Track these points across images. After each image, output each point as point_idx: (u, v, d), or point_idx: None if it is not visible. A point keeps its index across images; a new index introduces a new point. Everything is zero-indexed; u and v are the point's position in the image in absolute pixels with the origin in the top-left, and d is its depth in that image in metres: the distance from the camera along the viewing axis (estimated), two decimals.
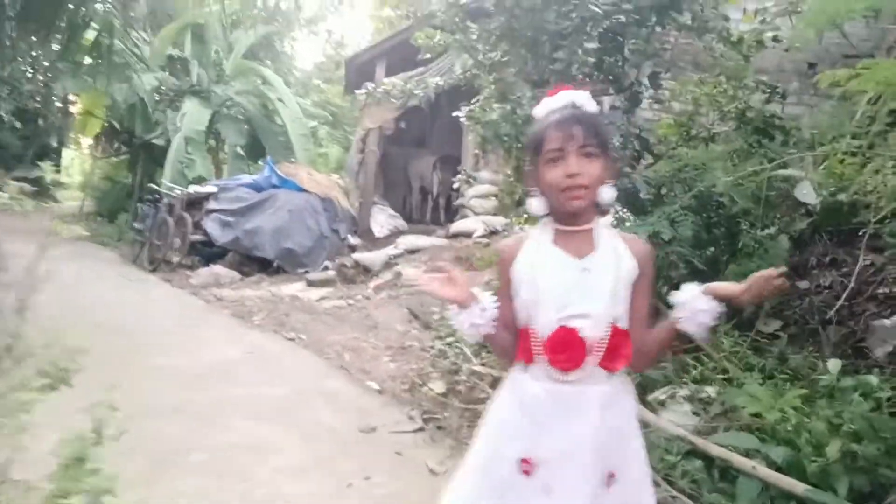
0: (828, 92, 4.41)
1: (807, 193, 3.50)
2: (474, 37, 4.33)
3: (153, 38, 13.35)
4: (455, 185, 10.82)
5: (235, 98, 13.98)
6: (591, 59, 4.06)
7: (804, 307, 3.88)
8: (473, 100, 4.84)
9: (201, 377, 4.11)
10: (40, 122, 20.58)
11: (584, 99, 1.47)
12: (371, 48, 9.33)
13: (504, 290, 1.50)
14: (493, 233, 8.13)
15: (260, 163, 14.86)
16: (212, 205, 9.57)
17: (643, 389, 3.37)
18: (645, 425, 2.73)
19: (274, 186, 9.57)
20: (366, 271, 7.90)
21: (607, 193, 1.44)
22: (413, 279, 2.03)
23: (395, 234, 10.03)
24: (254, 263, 9.10)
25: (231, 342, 5.05)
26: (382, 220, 9.94)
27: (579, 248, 1.44)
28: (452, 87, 9.66)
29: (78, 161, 29.52)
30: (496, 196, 9.31)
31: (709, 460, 2.72)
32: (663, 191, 4.01)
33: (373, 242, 9.66)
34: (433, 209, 10.86)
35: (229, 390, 3.90)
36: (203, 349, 4.75)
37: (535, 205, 1.49)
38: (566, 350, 1.40)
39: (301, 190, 9.56)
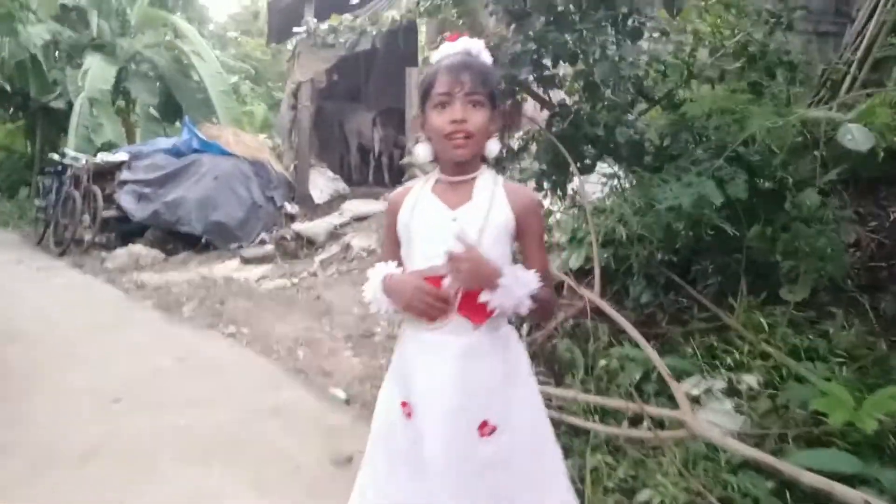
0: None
1: (855, 139, 2.90)
2: None
3: None
4: (400, 143, 10.01)
5: (144, 52, 12.52)
6: None
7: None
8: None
9: (121, 400, 3.26)
10: None
11: (479, 47, 1.46)
12: None
13: (389, 239, 1.52)
14: None
15: (177, 125, 13.52)
16: (125, 175, 8.42)
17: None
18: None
19: (195, 151, 8.46)
20: (309, 244, 7.05)
21: (494, 145, 1.44)
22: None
23: (336, 199, 9.14)
24: (178, 240, 8.08)
25: (157, 346, 4.18)
26: (322, 183, 9.01)
27: (456, 198, 1.43)
28: (388, 33, 8.74)
29: None
30: None
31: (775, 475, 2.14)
32: (665, 142, 3.35)
33: (313, 210, 8.75)
34: (375, 169, 9.99)
35: (158, 418, 3.08)
36: (123, 359, 3.88)
37: (422, 151, 1.48)
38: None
39: (227, 154, 8.50)
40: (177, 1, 14.66)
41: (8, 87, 12.88)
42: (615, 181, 3.96)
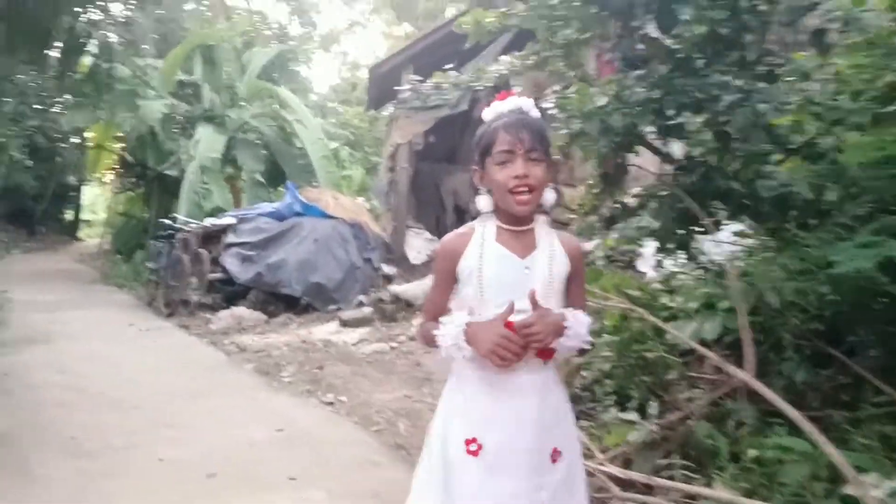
0: None
1: None
2: (553, 1, 3.31)
3: (161, 62, 12.59)
4: None
5: (251, 122, 13.15)
6: (704, 29, 3.09)
7: None
8: (554, 89, 3.82)
9: (216, 476, 3.09)
10: (57, 159, 20.06)
11: (529, 105, 1.56)
12: (396, 54, 8.40)
13: (444, 283, 1.59)
14: None
15: (281, 189, 14.01)
16: (230, 238, 8.65)
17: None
18: None
19: (297, 214, 8.62)
20: (407, 306, 6.88)
21: (549, 196, 1.54)
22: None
23: (432, 260, 9.00)
24: (279, 301, 8.14)
25: (255, 414, 4.04)
26: (418, 244, 8.93)
27: (522, 247, 1.52)
28: (485, 91, 8.70)
29: (102, 198, 29.18)
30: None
31: None
32: (827, 196, 2.92)
33: (409, 271, 8.65)
34: None
35: (253, 497, 2.88)
36: (220, 428, 3.75)
37: (483, 202, 1.57)
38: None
39: (327, 216, 8.60)
40: (282, 74, 15.42)
41: (130, 158, 13.87)
42: (749, 240, 3.56)
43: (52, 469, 3.10)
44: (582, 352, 1.62)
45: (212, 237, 8.91)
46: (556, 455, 1.52)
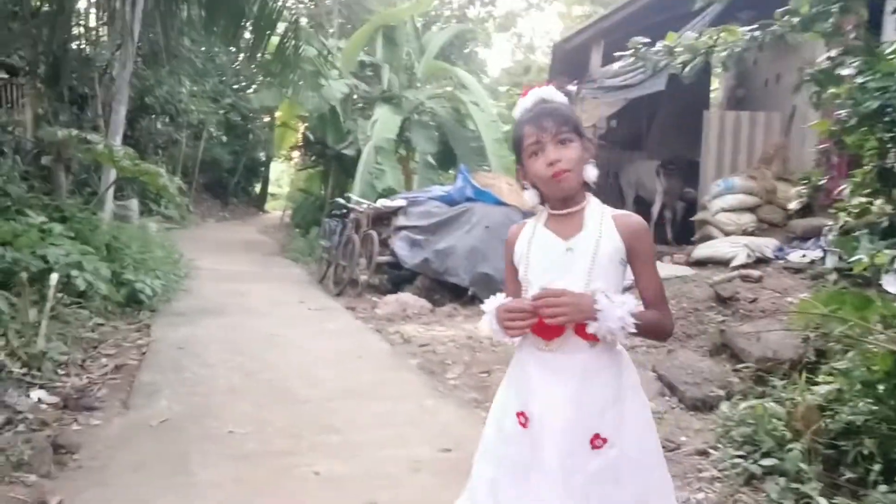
0: None
1: None
2: None
3: (344, 42, 12.79)
4: (687, 196, 8.79)
5: (427, 103, 13.00)
6: None
7: None
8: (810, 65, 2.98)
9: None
10: (249, 136, 21.56)
11: (551, 92, 1.59)
12: (585, 28, 7.65)
13: (509, 272, 1.66)
14: (759, 261, 6.01)
15: (451, 172, 13.79)
16: (400, 221, 8.46)
17: None
18: None
19: (469, 199, 8.21)
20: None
21: (591, 171, 1.56)
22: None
23: None
24: (445, 290, 7.81)
25: (421, 427, 3.62)
26: None
27: (568, 230, 1.55)
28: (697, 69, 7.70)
29: (286, 173, 31.24)
30: (753, 210, 7.14)
31: None
32: None
33: None
34: (657, 224, 8.87)
35: None
36: (383, 441, 3.36)
37: (529, 197, 1.63)
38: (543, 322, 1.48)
39: (500, 203, 8.11)
40: (459, 54, 15.15)
41: (311, 137, 14.34)
42: None
43: (213, 472, 2.87)
44: (659, 336, 1.69)
45: (382, 218, 8.79)
46: (597, 441, 1.50)
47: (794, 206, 7.01)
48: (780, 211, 7.05)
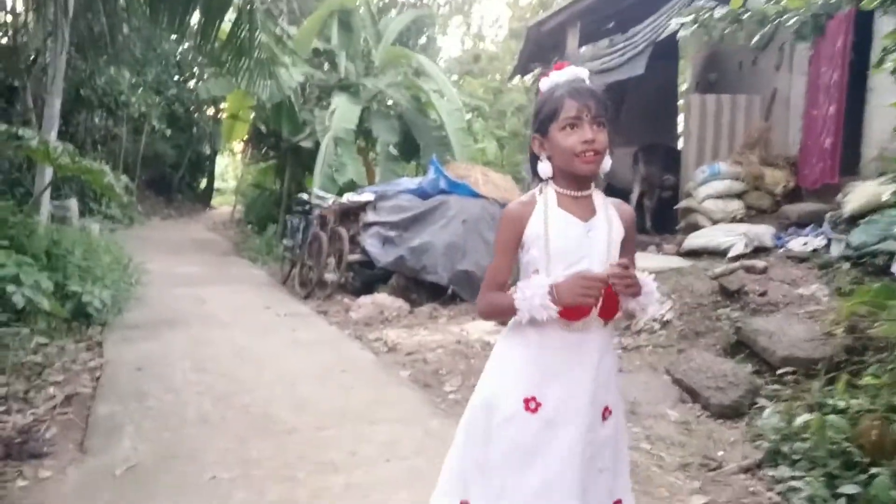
0: None
1: None
2: None
3: (296, 29, 12.10)
4: (667, 183, 8.53)
5: (386, 91, 12.44)
6: None
7: None
8: None
9: None
10: (194, 129, 20.52)
11: (586, 74, 1.62)
12: (561, 10, 7.26)
13: (510, 251, 1.63)
14: (758, 250, 5.74)
15: (413, 163, 13.29)
16: (370, 216, 7.94)
17: None
18: None
19: (442, 192, 7.74)
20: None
21: (607, 162, 1.59)
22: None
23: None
24: (422, 289, 7.35)
25: (433, 457, 3.14)
26: None
27: (583, 211, 1.59)
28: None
29: (231, 167, 30.05)
30: (740, 196, 6.90)
31: None
32: None
33: None
34: (635, 213, 8.60)
35: None
36: (391, 478, 2.89)
37: (544, 168, 1.62)
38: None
39: (475, 195, 7.68)
40: (416, 42, 14.62)
41: (263, 129, 13.60)
42: None
43: None
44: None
45: (349, 214, 8.26)
46: (606, 413, 1.61)
47: (780, 190, 6.82)
48: (767, 197, 6.84)
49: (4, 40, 11.05)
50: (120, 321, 5.76)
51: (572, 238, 1.56)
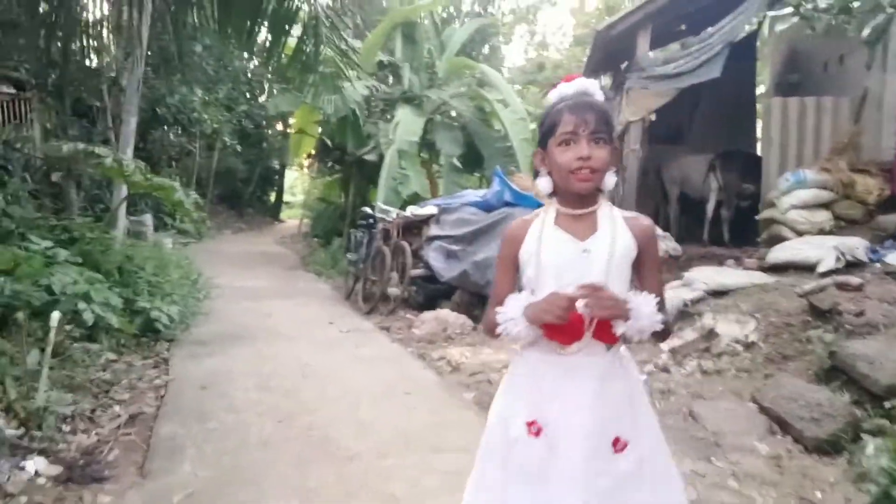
0: None
1: None
2: None
3: (360, 43, 12.18)
4: (745, 193, 8.08)
5: (450, 102, 12.37)
6: None
7: None
8: None
9: None
10: (264, 145, 21.06)
11: (595, 87, 1.55)
12: (631, 13, 6.97)
13: (508, 269, 1.62)
14: (850, 264, 5.30)
15: (476, 175, 13.15)
16: (433, 230, 7.83)
17: None
18: None
19: (507, 204, 7.54)
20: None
21: (610, 179, 1.53)
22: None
23: (664, 262, 7.51)
24: (485, 304, 7.15)
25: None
26: None
27: (582, 230, 1.53)
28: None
29: (300, 180, 30.72)
30: (828, 206, 6.43)
31: None
32: None
33: None
34: (712, 224, 8.16)
35: None
36: None
37: (543, 184, 1.58)
38: (565, 326, 1.45)
39: (542, 207, 7.43)
40: (481, 51, 14.52)
41: (329, 142, 13.76)
42: None
43: None
44: (661, 336, 1.55)
45: (413, 228, 8.17)
46: (618, 444, 1.51)
47: (873, 199, 6.31)
48: (858, 206, 6.33)
49: (87, 62, 11.55)
50: (188, 336, 5.82)
51: (565, 257, 1.51)
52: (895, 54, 6.49)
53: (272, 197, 24.67)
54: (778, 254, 5.77)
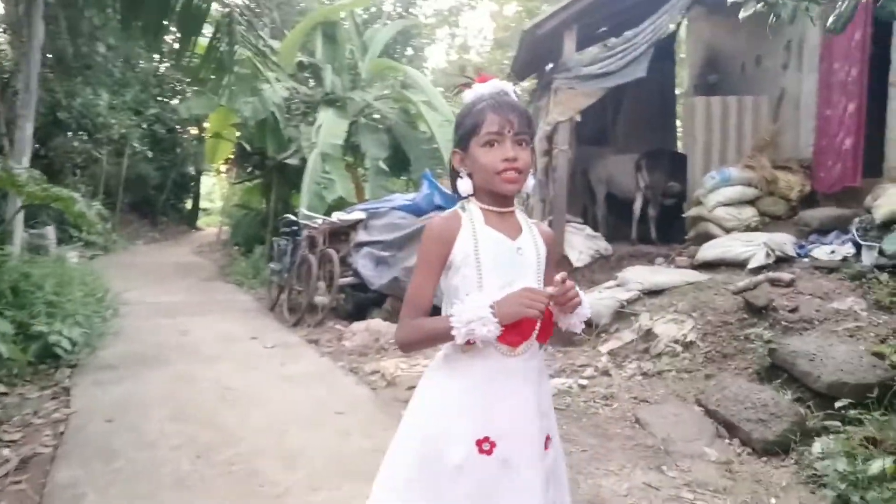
0: None
1: None
2: None
3: (278, 43, 11.71)
4: (670, 191, 8.17)
5: (374, 104, 12.06)
6: None
7: None
8: None
9: None
10: (177, 150, 20.07)
11: (510, 88, 1.54)
12: (558, 12, 6.88)
13: (435, 270, 1.50)
14: (780, 260, 5.36)
15: (403, 178, 12.89)
16: (361, 236, 7.53)
17: None
18: None
19: (438, 207, 7.32)
20: (587, 325, 5.42)
21: (530, 182, 1.52)
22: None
23: (596, 261, 7.49)
24: None
25: None
26: (579, 243, 7.41)
27: (510, 229, 1.52)
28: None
29: (217, 186, 29.54)
30: (753, 202, 6.53)
31: None
32: None
33: (571, 275, 7.18)
34: (640, 223, 8.21)
35: None
36: None
37: (463, 185, 1.52)
38: (517, 326, 1.42)
39: None
40: (403, 53, 14.28)
41: (248, 147, 13.17)
42: None
43: None
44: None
45: (339, 234, 7.83)
46: (547, 442, 1.52)
47: (795, 195, 6.46)
48: (781, 202, 6.47)
49: None
50: (93, 360, 5.29)
51: (504, 256, 1.48)
52: (810, 55, 6.67)
53: (188, 204, 23.57)
54: (708, 251, 5.80)
